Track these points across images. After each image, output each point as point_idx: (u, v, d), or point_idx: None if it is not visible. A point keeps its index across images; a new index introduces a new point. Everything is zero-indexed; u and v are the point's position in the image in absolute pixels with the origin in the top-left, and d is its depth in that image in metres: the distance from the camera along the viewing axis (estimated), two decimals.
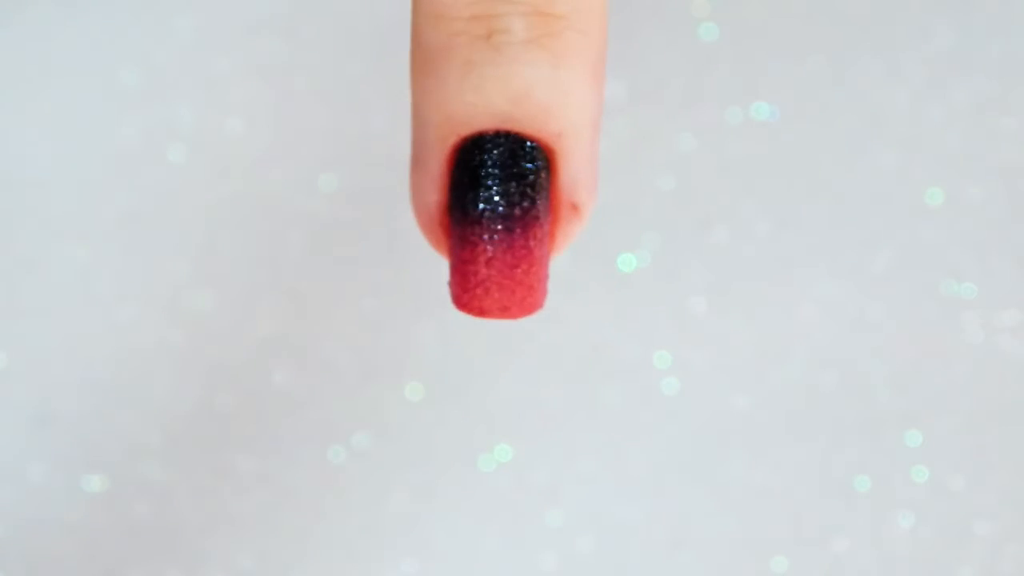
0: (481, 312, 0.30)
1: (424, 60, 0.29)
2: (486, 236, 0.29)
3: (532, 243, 0.29)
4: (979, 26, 0.47)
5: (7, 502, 0.46)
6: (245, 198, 0.47)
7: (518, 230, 0.29)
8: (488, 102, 0.28)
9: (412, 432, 0.46)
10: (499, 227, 0.29)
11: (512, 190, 0.29)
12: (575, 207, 0.29)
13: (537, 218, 0.29)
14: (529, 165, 0.29)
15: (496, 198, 0.29)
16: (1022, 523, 0.45)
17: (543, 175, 0.29)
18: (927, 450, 0.45)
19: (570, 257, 0.45)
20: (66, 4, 0.48)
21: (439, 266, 0.47)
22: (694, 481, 0.46)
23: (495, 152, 0.29)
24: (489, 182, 0.29)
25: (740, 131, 0.47)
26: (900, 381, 0.46)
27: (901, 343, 0.46)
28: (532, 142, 0.28)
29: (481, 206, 0.29)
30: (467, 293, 0.29)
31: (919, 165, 0.47)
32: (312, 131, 0.47)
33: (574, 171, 0.29)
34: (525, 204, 0.29)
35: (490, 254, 0.29)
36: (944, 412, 0.46)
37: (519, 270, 0.29)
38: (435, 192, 0.29)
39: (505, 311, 0.30)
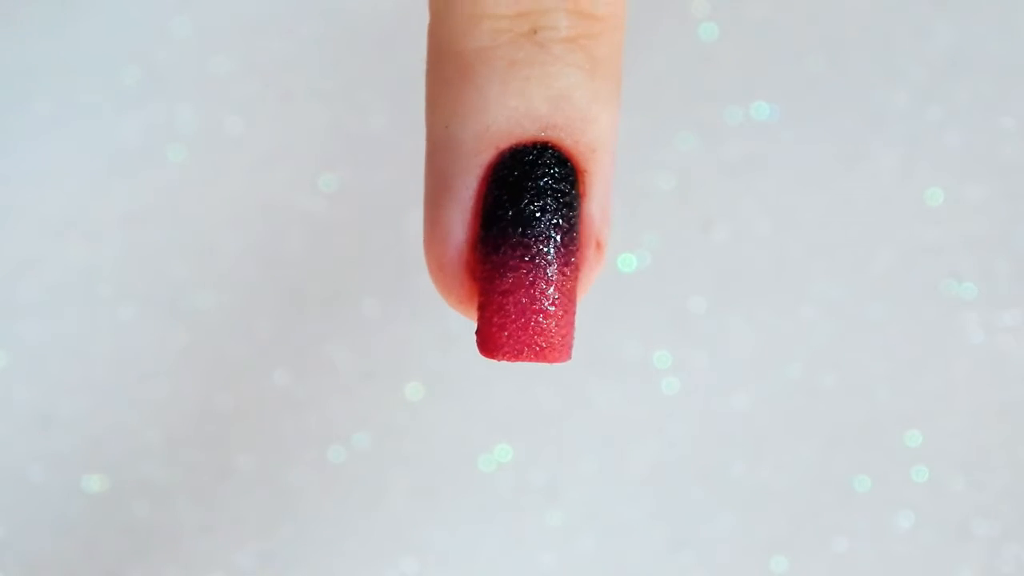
0: (517, 353, 0.27)
1: (454, 69, 0.27)
2: (529, 257, 0.27)
3: (573, 270, 0.27)
4: (979, 26, 0.47)
5: (7, 502, 0.46)
6: (245, 198, 0.47)
7: (563, 252, 0.27)
8: (530, 106, 0.27)
9: (412, 432, 0.46)
10: (542, 249, 0.27)
11: (555, 207, 0.27)
12: (599, 245, 0.28)
13: (574, 244, 0.27)
14: (568, 181, 0.27)
15: (538, 215, 0.27)
16: (1022, 523, 0.45)
17: (578, 197, 0.27)
18: (927, 450, 0.45)
19: None
20: (66, 4, 0.48)
21: None
22: (694, 481, 0.46)
23: (535, 165, 0.27)
24: (531, 197, 0.27)
25: (740, 131, 0.47)
26: (900, 381, 0.46)
27: (901, 343, 0.46)
28: (568, 160, 0.27)
29: (522, 224, 0.27)
30: (504, 331, 0.27)
31: (919, 165, 0.47)
32: (312, 131, 0.47)
33: (600, 199, 0.28)
34: (566, 224, 0.27)
35: (533, 279, 0.27)
36: (944, 412, 0.46)
37: (564, 300, 0.27)
38: (464, 224, 0.27)
39: (541, 351, 0.27)
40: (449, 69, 0.27)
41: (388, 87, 0.47)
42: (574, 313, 0.27)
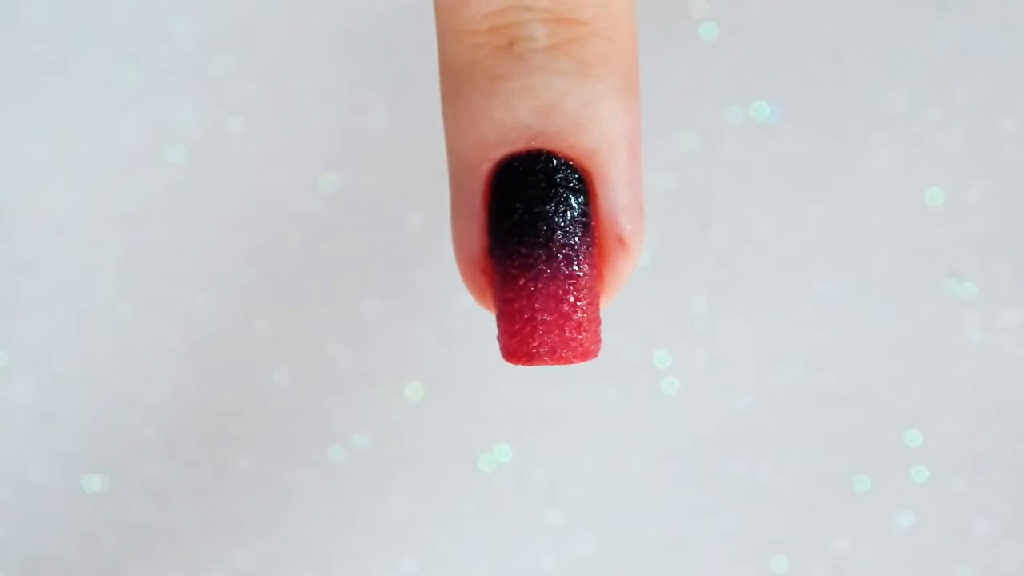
0: (530, 357, 0.27)
1: (450, 84, 0.28)
2: (528, 265, 0.27)
3: (579, 273, 0.27)
4: (979, 26, 0.47)
5: (7, 502, 0.46)
6: (245, 198, 0.47)
7: (561, 258, 0.27)
8: (516, 118, 0.27)
9: (412, 432, 0.46)
10: (540, 255, 0.27)
11: (550, 213, 0.27)
12: (621, 241, 0.28)
13: (581, 245, 0.27)
14: (565, 185, 0.27)
15: (533, 222, 0.27)
16: (1022, 523, 0.45)
17: (583, 199, 0.27)
18: (927, 450, 0.45)
19: None
20: (66, 4, 0.48)
21: (439, 267, 0.47)
22: (694, 481, 0.46)
23: (527, 172, 0.27)
24: (524, 206, 0.27)
25: (740, 131, 0.47)
26: (900, 381, 0.46)
27: (901, 343, 0.46)
28: (566, 161, 0.27)
29: (518, 233, 0.27)
30: (514, 338, 0.27)
31: (919, 165, 0.47)
32: (312, 131, 0.47)
33: (614, 196, 0.27)
34: (566, 228, 0.27)
35: (534, 286, 0.27)
36: (944, 412, 0.46)
37: (566, 305, 0.27)
38: (476, 234, 0.28)
39: (555, 354, 0.27)
40: (446, 84, 0.28)
41: (388, 87, 0.47)
42: (591, 312, 0.28)
